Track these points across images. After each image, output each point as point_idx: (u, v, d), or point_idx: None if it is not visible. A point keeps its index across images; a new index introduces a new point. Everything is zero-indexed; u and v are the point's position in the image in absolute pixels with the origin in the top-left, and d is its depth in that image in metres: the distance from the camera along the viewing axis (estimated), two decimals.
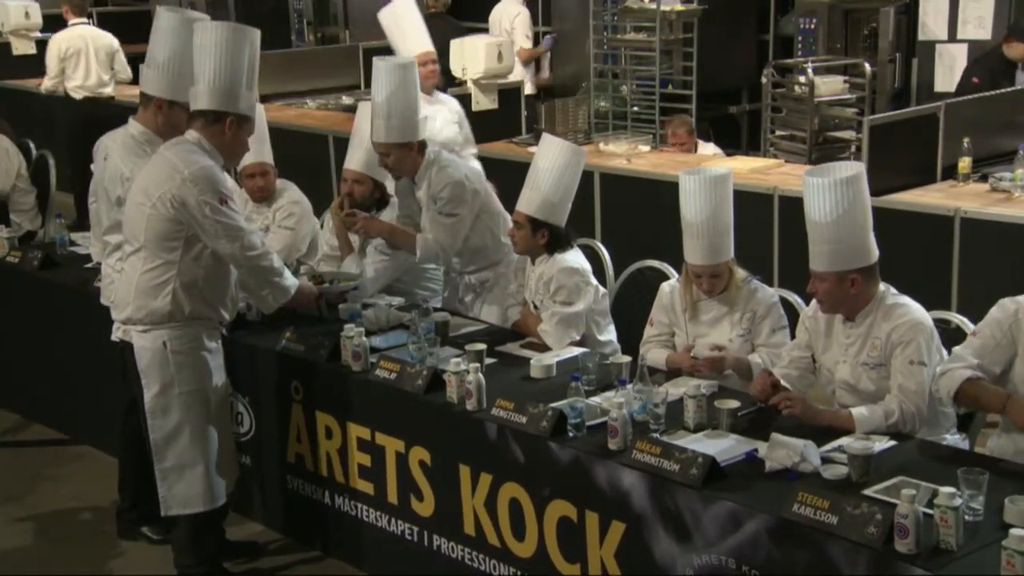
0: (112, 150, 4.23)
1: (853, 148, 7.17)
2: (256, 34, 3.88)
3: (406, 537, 3.92)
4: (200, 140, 3.80)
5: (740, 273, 3.91)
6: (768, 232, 5.75)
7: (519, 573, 3.58)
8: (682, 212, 3.86)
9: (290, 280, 4.02)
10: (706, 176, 3.84)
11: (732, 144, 8.66)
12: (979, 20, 7.70)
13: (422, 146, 4.54)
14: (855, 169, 3.47)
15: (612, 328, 4.38)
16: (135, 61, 12.13)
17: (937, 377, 3.35)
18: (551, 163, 4.20)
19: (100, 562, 4.36)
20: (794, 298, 4.10)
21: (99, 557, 4.39)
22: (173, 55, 4.07)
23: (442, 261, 4.68)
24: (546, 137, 4.37)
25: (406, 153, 4.48)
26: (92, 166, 4.38)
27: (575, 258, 4.28)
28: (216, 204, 3.71)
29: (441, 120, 5.97)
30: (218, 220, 3.72)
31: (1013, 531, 2.51)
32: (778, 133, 7.71)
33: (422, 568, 3.90)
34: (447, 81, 7.26)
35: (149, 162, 3.90)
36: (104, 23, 12.63)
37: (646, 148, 6.84)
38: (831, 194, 3.41)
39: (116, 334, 3.93)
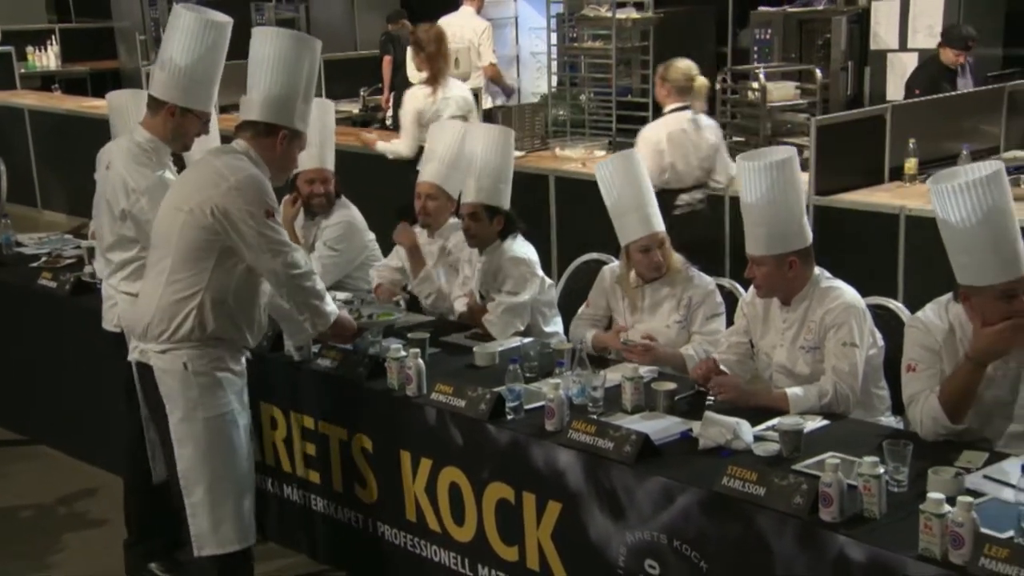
0: (115, 158, 3.87)
1: (804, 153, 7.23)
2: (317, 44, 3.60)
3: (352, 524, 3.92)
4: (248, 151, 3.52)
5: (678, 258, 3.94)
6: (720, 229, 5.84)
7: (459, 558, 3.58)
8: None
9: (331, 306, 3.68)
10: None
11: None
12: (929, 29, 7.81)
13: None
14: (787, 152, 3.51)
15: (559, 320, 4.40)
16: (101, 78, 12.16)
17: (916, 420, 3.15)
18: (486, 148, 4.23)
19: (39, 558, 4.31)
20: (734, 285, 4.15)
21: (37, 555, 4.33)
22: (191, 60, 3.74)
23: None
24: (469, 127, 4.38)
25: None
26: (95, 175, 4.03)
27: (522, 248, 4.31)
28: (261, 216, 3.42)
29: None
30: (262, 232, 3.42)
31: (930, 495, 2.54)
32: (733, 139, 7.77)
33: (368, 555, 3.89)
34: None
35: (190, 168, 3.68)
36: (67, 40, 12.69)
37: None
38: (766, 177, 3.44)
39: (132, 354, 3.65)
